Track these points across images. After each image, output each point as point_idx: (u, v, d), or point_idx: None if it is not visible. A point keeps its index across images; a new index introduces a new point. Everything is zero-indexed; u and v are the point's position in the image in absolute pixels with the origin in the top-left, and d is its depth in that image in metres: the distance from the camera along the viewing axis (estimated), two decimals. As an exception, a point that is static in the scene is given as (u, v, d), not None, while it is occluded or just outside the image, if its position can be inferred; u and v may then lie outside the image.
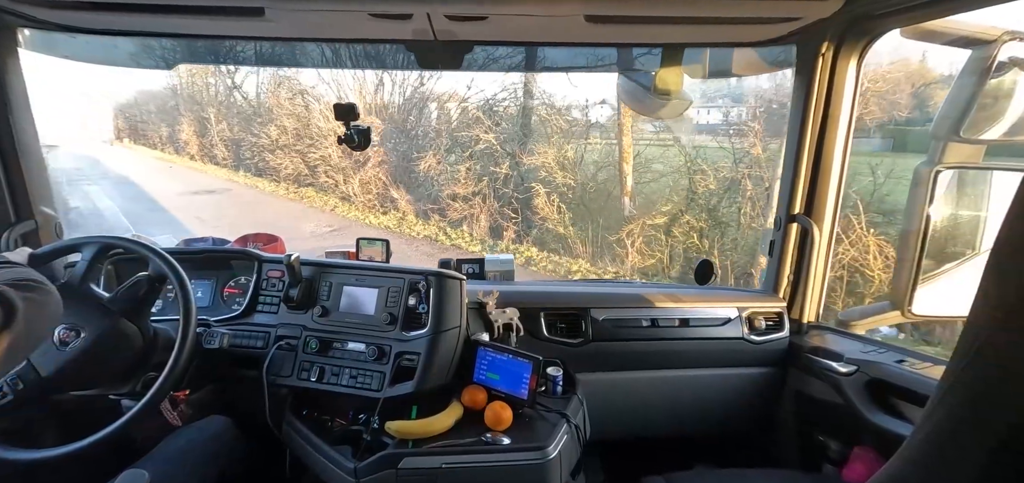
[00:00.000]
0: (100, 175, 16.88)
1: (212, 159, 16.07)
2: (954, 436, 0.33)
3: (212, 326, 1.38)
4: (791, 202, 1.55)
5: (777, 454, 1.69)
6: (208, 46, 1.66)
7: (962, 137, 1.28)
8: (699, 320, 1.60)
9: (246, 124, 13.44)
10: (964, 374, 0.33)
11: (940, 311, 1.39)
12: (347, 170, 10.09)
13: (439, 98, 9.43)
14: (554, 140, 7.86)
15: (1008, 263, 0.32)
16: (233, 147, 14.50)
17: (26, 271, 0.89)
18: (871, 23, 1.32)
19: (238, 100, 13.65)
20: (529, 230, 7.94)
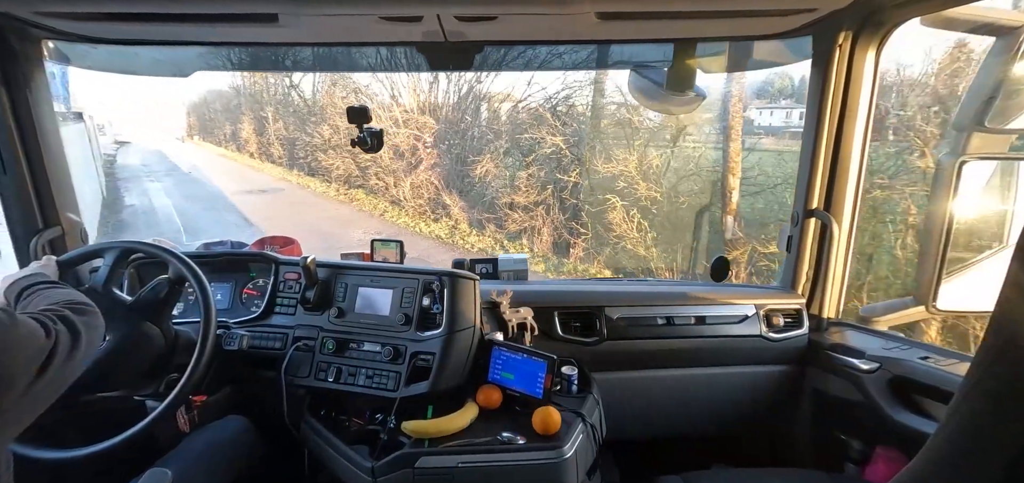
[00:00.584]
0: (165, 171, 17.77)
1: (268, 157, 16.48)
2: (978, 435, 0.32)
3: (231, 328, 1.40)
4: (808, 197, 1.53)
5: (796, 453, 1.67)
6: (225, 53, 1.69)
7: (987, 127, 1.25)
8: (715, 318, 1.58)
9: (301, 123, 13.36)
10: (990, 371, 0.32)
11: (966, 306, 1.35)
12: (398, 173, 9.80)
13: (494, 97, 8.88)
14: (636, 146, 6.51)
15: None
16: (288, 146, 14.51)
17: (77, 294, 0.95)
18: (889, 12, 1.29)
19: (294, 99, 13.48)
20: (601, 248, 6.80)
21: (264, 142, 16.69)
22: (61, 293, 0.95)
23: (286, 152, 14.63)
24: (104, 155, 25.62)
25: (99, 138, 35.85)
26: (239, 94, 17.55)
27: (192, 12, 1.19)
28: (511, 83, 8.02)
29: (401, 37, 1.43)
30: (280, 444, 1.41)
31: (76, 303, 0.89)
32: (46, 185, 1.45)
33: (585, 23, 1.27)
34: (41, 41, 1.38)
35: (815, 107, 1.46)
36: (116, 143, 36.41)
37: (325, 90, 11.25)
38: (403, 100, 9.70)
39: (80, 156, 10.77)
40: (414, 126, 9.39)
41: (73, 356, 0.80)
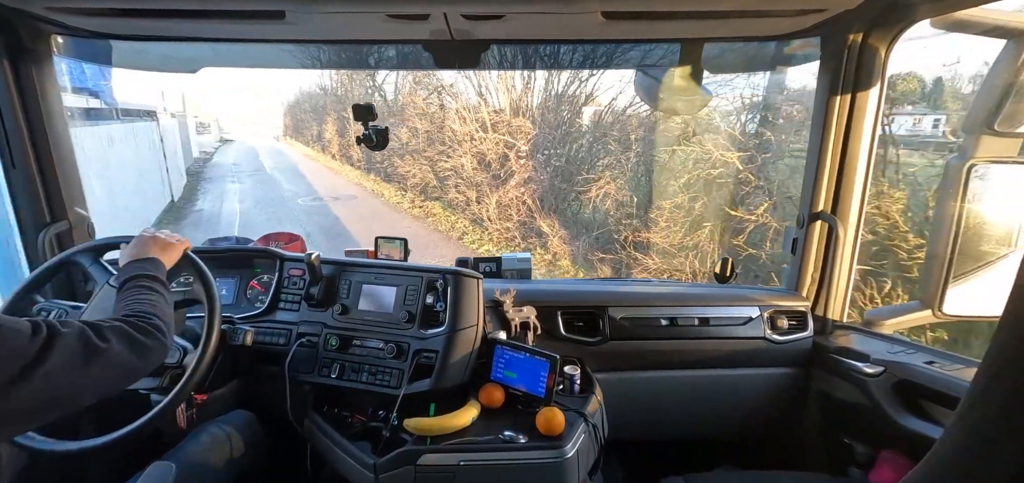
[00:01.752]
0: (250, 171, 18.26)
1: (348, 159, 16.31)
2: (986, 443, 0.32)
3: (236, 323, 1.41)
4: (814, 199, 1.52)
5: (800, 457, 1.66)
6: (232, 49, 1.70)
7: (996, 130, 1.23)
8: (719, 320, 1.57)
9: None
10: (998, 378, 0.32)
11: (973, 311, 1.34)
12: (483, 186, 8.33)
13: (609, 97, 6.86)
14: (903, 181, 3.75)
15: None
16: (366, 149, 14.49)
17: (156, 310, 0.96)
18: (899, 13, 1.28)
19: (377, 101, 12.63)
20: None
21: (345, 144, 16.51)
22: (146, 300, 0.96)
23: (364, 155, 14.05)
24: (203, 153, 26.09)
25: (201, 136, 36.23)
26: (326, 95, 17.34)
27: (200, 8, 1.19)
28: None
29: (408, 35, 1.43)
30: (283, 439, 1.42)
31: (141, 321, 0.89)
32: (54, 179, 1.46)
33: (591, 23, 1.27)
34: (51, 36, 1.39)
35: (822, 109, 1.45)
36: (220, 140, 36.72)
37: (407, 91, 10.20)
38: (494, 100, 8.26)
39: (148, 156, 10.73)
40: (505, 131, 7.96)
41: (87, 370, 0.77)
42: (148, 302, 0.95)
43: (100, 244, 1.27)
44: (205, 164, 20.85)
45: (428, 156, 9.77)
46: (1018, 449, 0.30)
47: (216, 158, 24.37)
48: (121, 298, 0.97)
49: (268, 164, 20.62)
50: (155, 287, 1.00)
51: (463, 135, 8.52)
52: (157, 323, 0.91)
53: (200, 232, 9.28)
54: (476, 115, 8.33)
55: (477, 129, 8.22)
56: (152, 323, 0.90)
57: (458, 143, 8.66)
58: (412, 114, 9.78)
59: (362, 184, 13.71)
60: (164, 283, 1.04)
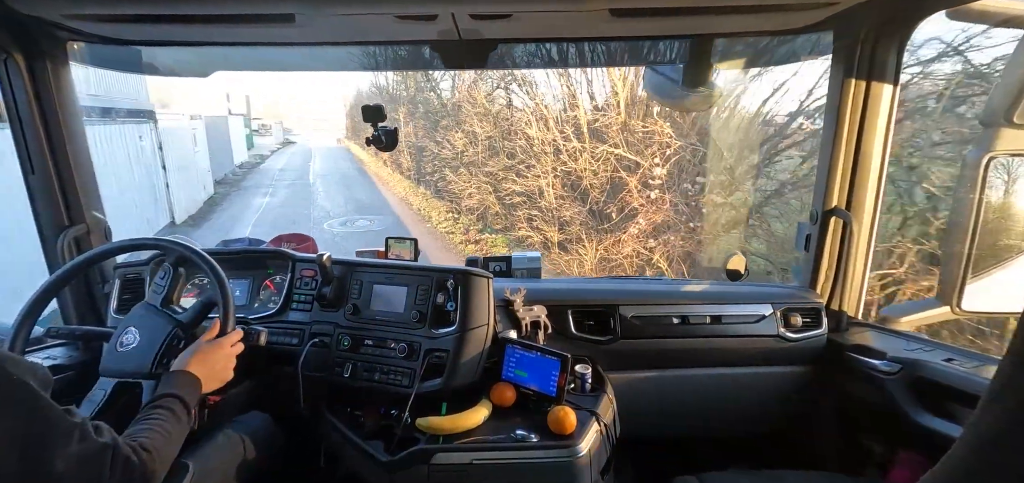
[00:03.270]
0: (292, 180, 17.54)
1: (397, 166, 14.75)
2: (1006, 440, 0.31)
3: (250, 323, 1.43)
4: (828, 195, 1.50)
5: (816, 456, 1.64)
6: (242, 53, 1.72)
7: (1016, 123, 1.21)
8: (732, 317, 1.56)
9: (431, 128, 10.37)
10: (1017, 375, 0.31)
11: (992, 307, 1.32)
12: (573, 223, 5.33)
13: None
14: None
15: None
16: (416, 155, 12.04)
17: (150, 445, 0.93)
18: (913, 5, 1.26)
19: (432, 99, 10.54)
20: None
21: (396, 148, 16.06)
22: (158, 427, 0.95)
23: (414, 163, 12.33)
24: (255, 157, 25.83)
25: (263, 139, 36.07)
26: (380, 94, 15.29)
27: (212, 13, 1.21)
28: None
29: (416, 36, 1.44)
30: (297, 438, 1.43)
31: (133, 448, 0.87)
32: (72, 183, 1.49)
33: (599, 20, 1.26)
34: (67, 43, 1.42)
35: (835, 103, 1.43)
36: (284, 143, 36.61)
37: (466, 85, 7.82)
38: (597, 90, 5.62)
39: (135, 166, 9.19)
40: (619, 139, 5.02)
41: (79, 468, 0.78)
42: (156, 427, 0.94)
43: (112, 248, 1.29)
44: (251, 171, 19.99)
45: (490, 171, 7.33)
46: None
47: (267, 163, 23.60)
48: (145, 412, 0.98)
49: (315, 170, 19.62)
50: (177, 416, 1.00)
51: (543, 145, 5.91)
52: (145, 447, 0.89)
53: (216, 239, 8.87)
54: (567, 114, 5.64)
55: (570, 135, 5.46)
56: (142, 448, 0.88)
57: (535, 156, 6.05)
58: (470, 114, 7.58)
59: (408, 200, 11.89)
60: (189, 410, 1.03)
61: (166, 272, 1.29)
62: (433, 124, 10.33)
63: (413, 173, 12.71)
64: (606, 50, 1.85)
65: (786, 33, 1.48)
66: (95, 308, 1.59)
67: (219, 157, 17.05)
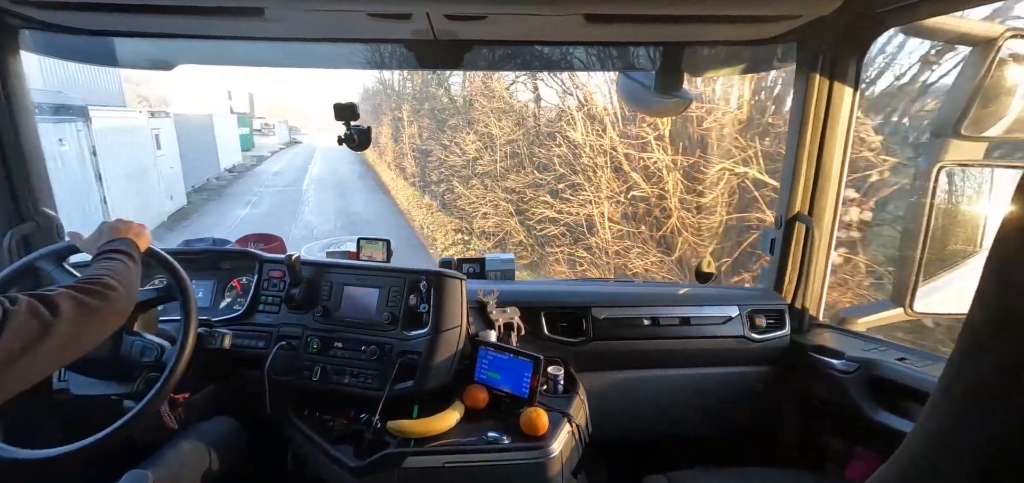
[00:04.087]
0: (284, 185, 15.36)
1: (401, 171, 12.59)
2: (954, 435, 0.33)
3: (214, 326, 1.38)
4: (791, 200, 1.55)
5: (779, 453, 1.69)
6: (210, 46, 1.66)
7: (963, 134, 1.28)
8: (700, 319, 1.60)
9: (437, 128, 8.56)
10: (963, 372, 0.33)
11: (942, 309, 1.38)
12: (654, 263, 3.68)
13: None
14: None
15: (1008, 260, 0.32)
16: (420, 159, 10.37)
17: (113, 272, 0.91)
18: (871, 21, 1.32)
19: (440, 96, 9.00)
20: None
21: (399, 152, 12.81)
22: (104, 267, 0.92)
23: (419, 168, 10.53)
24: (253, 158, 23.59)
25: (266, 138, 33.81)
26: (384, 91, 13.81)
27: (176, 4, 1.17)
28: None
29: (390, 34, 1.42)
30: (264, 444, 1.39)
31: (93, 284, 0.85)
32: (23, 179, 1.41)
33: (574, 25, 1.27)
34: (18, 31, 1.35)
35: (799, 112, 1.49)
36: (289, 142, 34.27)
37: (479, 76, 6.26)
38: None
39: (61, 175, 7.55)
40: (751, 143, 3.31)
41: (41, 344, 0.75)
42: (105, 268, 0.91)
43: (62, 248, 1.23)
44: (241, 175, 18.03)
45: (512, 188, 5.53)
46: (983, 441, 0.31)
47: (264, 165, 21.29)
48: (89, 266, 0.95)
49: (313, 175, 17.52)
50: (120, 258, 0.97)
51: (594, 157, 4.03)
52: (110, 281, 0.87)
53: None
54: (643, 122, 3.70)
55: (648, 141, 3.62)
56: (104, 282, 0.86)
57: (582, 172, 4.16)
58: (484, 111, 6.01)
59: (411, 214, 10.24)
60: (134, 257, 1.01)
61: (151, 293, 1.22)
62: (439, 124, 8.87)
63: (418, 180, 10.97)
64: (581, 55, 1.88)
65: (753, 44, 1.53)
66: None
67: (200, 160, 15.15)
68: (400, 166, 12.96)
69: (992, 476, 0.30)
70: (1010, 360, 0.30)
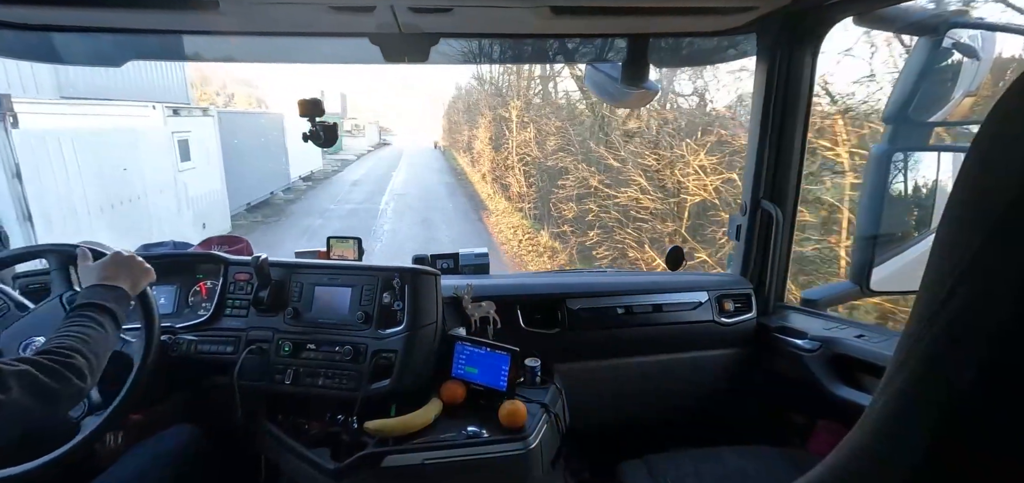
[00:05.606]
0: (357, 203, 12.31)
1: (502, 187, 9.04)
2: (909, 405, 0.35)
3: (177, 333, 1.33)
4: (756, 188, 1.60)
5: (749, 431, 1.75)
6: (160, 41, 1.58)
7: (911, 119, 1.34)
8: (671, 305, 1.64)
9: (561, 135, 6.54)
10: (916, 344, 0.35)
11: (897, 288, 1.46)
12: None
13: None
14: None
15: (953, 236, 0.34)
16: (537, 179, 7.42)
17: (82, 345, 0.86)
18: (823, 12, 1.37)
19: (531, 96, 7.29)
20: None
21: (499, 161, 9.27)
22: (79, 334, 0.86)
23: (535, 190, 7.35)
24: (337, 162, 20.91)
25: (355, 140, 30.44)
26: (482, 87, 11.05)
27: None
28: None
29: (353, 28, 1.39)
30: (233, 453, 1.35)
31: (57, 361, 0.80)
32: None
33: (539, 17, 1.27)
34: None
35: (760, 102, 1.53)
36: (375, 145, 31.06)
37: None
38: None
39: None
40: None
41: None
42: (81, 337, 0.86)
43: (68, 250, 1.16)
44: (315, 186, 15.56)
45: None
46: (935, 408, 0.33)
47: (345, 172, 18.68)
48: (63, 325, 0.89)
49: (395, 187, 14.66)
50: (103, 322, 0.92)
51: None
52: (76, 362, 0.82)
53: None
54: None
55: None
56: (70, 362, 0.81)
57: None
58: (648, 118, 4.46)
59: (521, 257, 7.32)
60: (117, 318, 0.95)
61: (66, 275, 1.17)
62: (563, 129, 6.48)
63: (532, 208, 7.83)
64: (548, 47, 1.88)
65: (715, 35, 1.56)
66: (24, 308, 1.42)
67: (266, 169, 12.46)
68: (501, 181, 9.93)
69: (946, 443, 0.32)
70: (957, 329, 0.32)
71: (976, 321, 0.31)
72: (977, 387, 0.31)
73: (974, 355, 0.31)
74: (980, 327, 0.31)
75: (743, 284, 1.69)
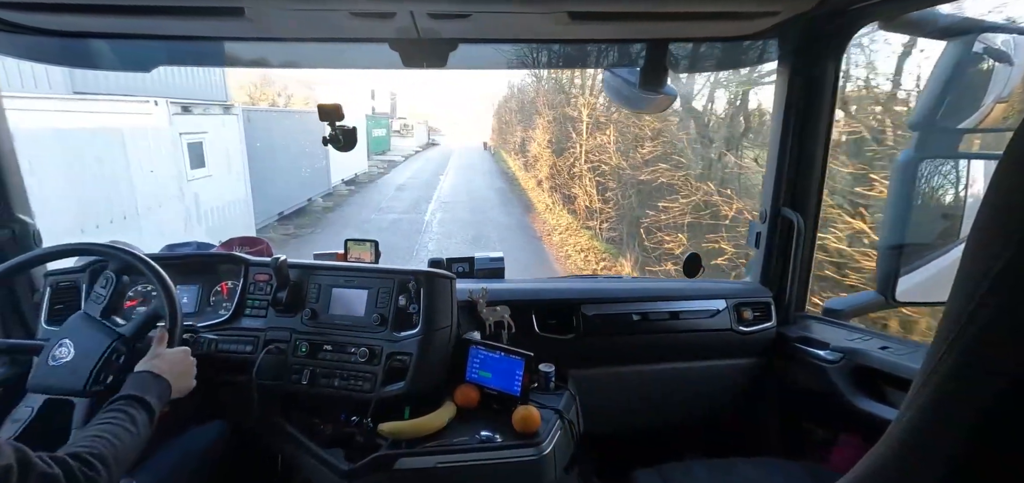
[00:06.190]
0: (403, 209, 11.32)
1: (565, 198, 7.44)
2: (936, 419, 0.34)
3: (199, 332, 1.36)
4: (777, 195, 1.57)
5: (766, 443, 1.72)
6: (189, 47, 1.63)
7: (939, 126, 1.31)
8: (688, 313, 1.62)
9: (663, 140, 5.48)
10: (945, 357, 0.34)
11: (923, 298, 1.42)
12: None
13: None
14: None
15: (983, 246, 0.33)
16: (617, 193, 6.06)
17: (111, 443, 0.86)
18: (849, 17, 1.34)
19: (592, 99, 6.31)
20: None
21: (561, 169, 7.77)
22: (110, 431, 0.86)
23: (612, 207, 6.05)
24: (383, 164, 19.94)
25: (404, 140, 28.65)
26: (539, 84, 9.84)
27: (152, 4, 1.14)
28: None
29: (373, 34, 1.41)
30: (252, 450, 1.38)
31: (83, 463, 0.78)
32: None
33: (558, 23, 1.27)
34: None
35: (781, 108, 1.51)
36: (423, 146, 30.50)
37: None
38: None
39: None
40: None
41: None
42: (114, 442, 0.85)
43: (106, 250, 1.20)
44: (358, 191, 14.72)
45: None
46: (964, 423, 0.32)
47: (390, 175, 17.73)
48: (101, 416, 0.89)
49: (442, 193, 13.30)
50: (138, 421, 0.91)
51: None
52: (97, 465, 0.80)
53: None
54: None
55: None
56: (95, 460, 0.80)
57: None
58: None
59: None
60: (152, 414, 0.95)
61: (108, 280, 1.20)
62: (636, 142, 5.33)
63: (606, 227, 6.34)
64: (566, 52, 1.88)
65: (736, 40, 1.54)
66: (23, 320, 1.47)
67: (304, 173, 11.53)
68: (563, 191, 8.15)
69: (974, 460, 0.31)
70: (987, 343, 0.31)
71: (1008, 332, 0.30)
72: (1009, 400, 0.30)
73: (1006, 366, 0.30)
74: (1012, 338, 0.30)
75: (762, 292, 1.66)
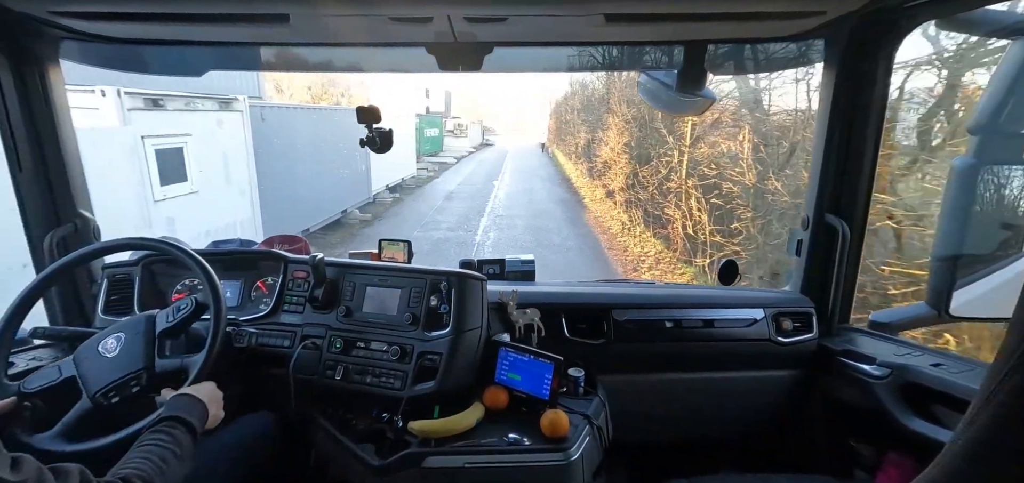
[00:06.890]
0: (453, 222, 9.92)
1: (651, 218, 6.46)
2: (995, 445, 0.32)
3: (241, 325, 1.41)
4: (819, 201, 1.51)
5: (805, 458, 1.65)
6: (237, 52, 1.70)
7: (1002, 130, 1.23)
8: (724, 321, 1.57)
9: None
10: (1008, 379, 0.32)
11: (980, 313, 1.33)
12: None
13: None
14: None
15: None
16: (748, 221, 5.05)
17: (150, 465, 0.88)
18: (901, 15, 1.27)
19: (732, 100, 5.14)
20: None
21: (648, 183, 6.38)
22: (155, 454, 0.88)
23: (756, 256, 4.95)
24: (434, 166, 18.94)
25: (458, 140, 28.19)
26: (598, 81, 8.94)
27: (204, 12, 1.20)
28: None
29: (411, 38, 1.44)
30: (287, 441, 1.42)
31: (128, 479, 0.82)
32: (62, 182, 1.47)
33: (593, 25, 1.27)
34: (59, 42, 1.41)
35: (826, 111, 1.45)
36: (477, 146, 30.13)
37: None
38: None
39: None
40: None
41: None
42: (157, 457, 0.88)
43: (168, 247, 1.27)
44: (405, 197, 13.59)
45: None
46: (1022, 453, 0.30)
47: (440, 179, 16.59)
48: (148, 438, 0.92)
49: (496, 203, 11.78)
50: (182, 443, 0.94)
51: None
52: (128, 480, 0.82)
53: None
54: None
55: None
56: (124, 481, 0.82)
57: None
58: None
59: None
60: (196, 436, 0.99)
61: (189, 305, 1.23)
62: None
63: (712, 263, 5.57)
64: (602, 55, 1.86)
65: (779, 40, 1.49)
66: (82, 309, 1.57)
67: (341, 179, 10.27)
68: (649, 209, 6.63)
69: None
70: None
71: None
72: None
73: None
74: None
75: (804, 302, 1.60)
